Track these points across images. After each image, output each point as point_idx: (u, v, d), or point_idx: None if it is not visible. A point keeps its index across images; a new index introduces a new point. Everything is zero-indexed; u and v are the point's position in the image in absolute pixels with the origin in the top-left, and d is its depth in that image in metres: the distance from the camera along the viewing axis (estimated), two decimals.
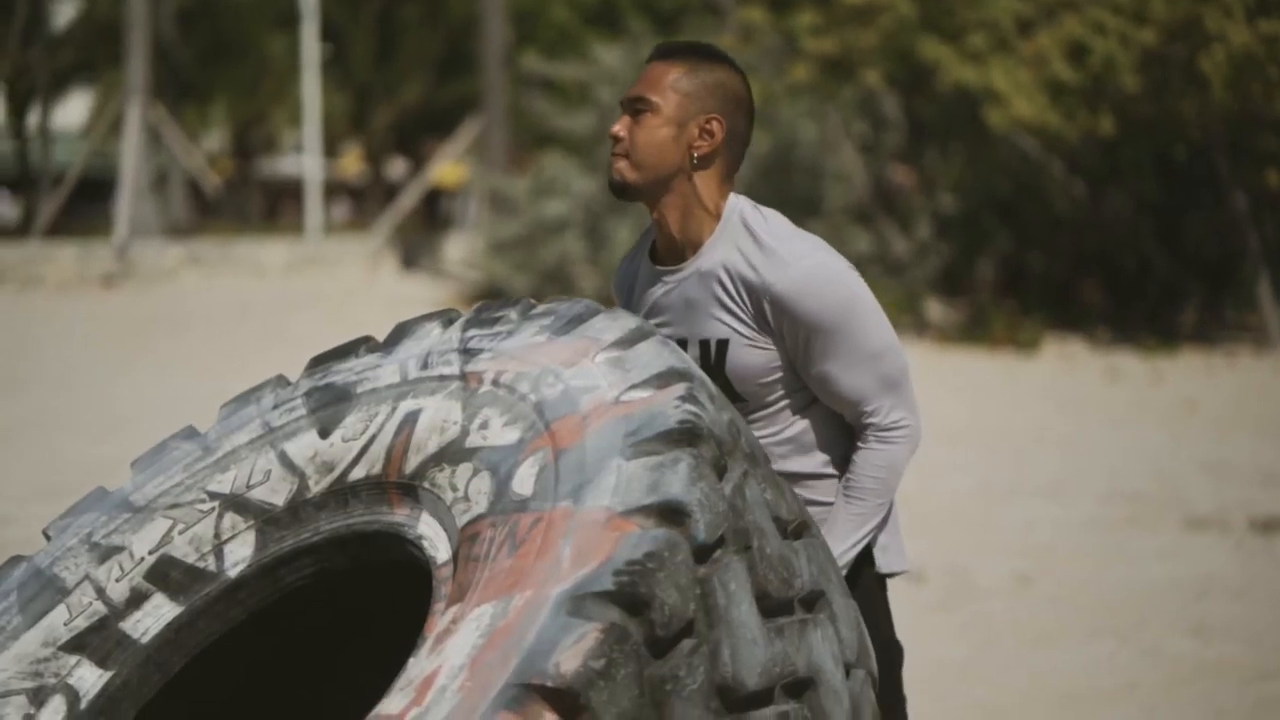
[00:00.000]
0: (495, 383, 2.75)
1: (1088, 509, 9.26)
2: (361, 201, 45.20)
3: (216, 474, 2.98)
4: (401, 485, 2.76)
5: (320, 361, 3.05)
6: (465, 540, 2.56)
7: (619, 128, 3.05)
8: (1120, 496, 9.57)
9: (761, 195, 20.18)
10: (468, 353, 2.85)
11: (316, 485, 2.87)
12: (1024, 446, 11.42)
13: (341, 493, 2.84)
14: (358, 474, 2.83)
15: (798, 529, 2.75)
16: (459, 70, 36.72)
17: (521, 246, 20.96)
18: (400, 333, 3.00)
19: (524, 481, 2.56)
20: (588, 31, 27.19)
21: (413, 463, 2.75)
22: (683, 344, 3.09)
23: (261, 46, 38.10)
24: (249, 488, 2.93)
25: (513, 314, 2.90)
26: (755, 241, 3.02)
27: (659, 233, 3.11)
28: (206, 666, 2.99)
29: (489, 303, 2.96)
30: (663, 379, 2.62)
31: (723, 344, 3.04)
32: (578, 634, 2.29)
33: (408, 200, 30.74)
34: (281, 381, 3.08)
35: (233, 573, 2.91)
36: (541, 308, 2.88)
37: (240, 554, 2.91)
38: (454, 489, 2.66)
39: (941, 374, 15.07)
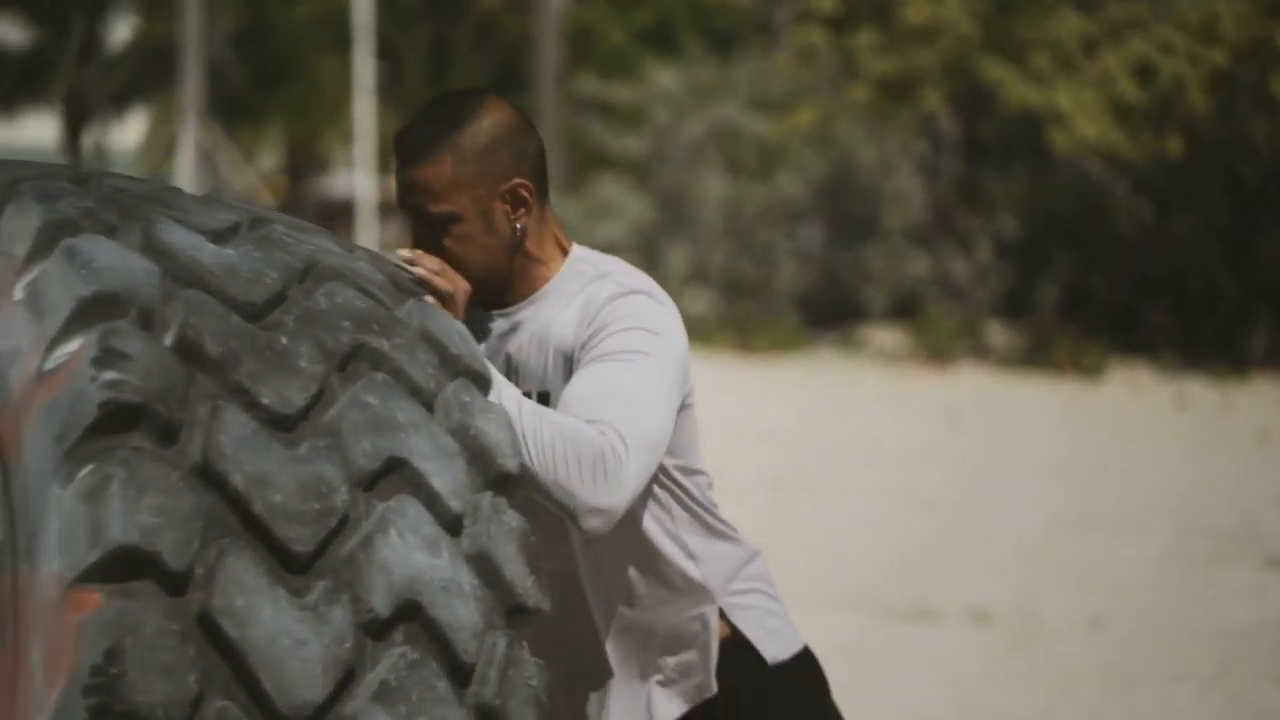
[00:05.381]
0: None
1: (1162, 545, 8.89)
2: None
3: None
4: None
5: None
6: None
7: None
8: (1196, 532, 9.20)
9: (819, 217, 20.00)
10: None
11: None
12: (1092, 478, 11.06)
13: None
14: None
15: (324, 392, 2.14)
16: (512, 90, 36.58)
17: None
18: None
19: None
20: (643, 53, 26.96)
21: None
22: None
23: (316, 67, 38.11)
24: None
25: None
26: (595, 270, 2.71)
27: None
28: None
29: None
30: (78, 323, 2.03)
31: (544, 397, 2.64)
32: None
33: None
34: None
35: None
36: None
37: None
38: None
39: (1004, 402, 14.74)
